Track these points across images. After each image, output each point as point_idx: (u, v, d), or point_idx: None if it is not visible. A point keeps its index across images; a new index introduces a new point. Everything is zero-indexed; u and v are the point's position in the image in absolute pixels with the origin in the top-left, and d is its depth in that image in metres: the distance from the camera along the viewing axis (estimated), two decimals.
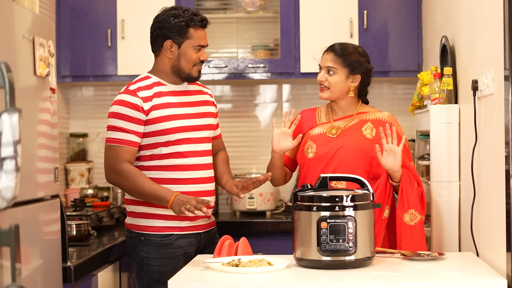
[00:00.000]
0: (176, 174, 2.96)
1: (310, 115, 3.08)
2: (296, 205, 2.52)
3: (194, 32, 2.98)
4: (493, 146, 2.51)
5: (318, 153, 2.94)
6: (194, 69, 3.01)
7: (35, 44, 2.31)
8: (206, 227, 3.07)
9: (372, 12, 4.19)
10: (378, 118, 2.97)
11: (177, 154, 2.96)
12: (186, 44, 2.98)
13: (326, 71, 2.95)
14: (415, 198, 2.82)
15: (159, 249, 2.96)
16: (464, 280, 2.31)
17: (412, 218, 2.82)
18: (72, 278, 2.65)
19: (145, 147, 2.96)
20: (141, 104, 2.93)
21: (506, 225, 2.33)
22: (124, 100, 2.94)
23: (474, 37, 2.82)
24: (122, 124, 2.92)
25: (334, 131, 2.97)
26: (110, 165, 2.93)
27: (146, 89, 2.97)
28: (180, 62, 3.00)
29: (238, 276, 2.38)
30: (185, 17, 2.97)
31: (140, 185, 2.88)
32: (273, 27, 4.41)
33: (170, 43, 2.99)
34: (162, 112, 2.95)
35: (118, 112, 2.94)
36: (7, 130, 1.64)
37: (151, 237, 2.96)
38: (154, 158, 2.96)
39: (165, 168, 2.96)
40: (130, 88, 2.97)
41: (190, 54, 2.98)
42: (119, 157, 2.90)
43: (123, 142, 2.91)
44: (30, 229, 2.27)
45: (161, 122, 2.94)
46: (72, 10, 4.27)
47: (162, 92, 2.99)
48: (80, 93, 4.65)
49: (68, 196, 4.42)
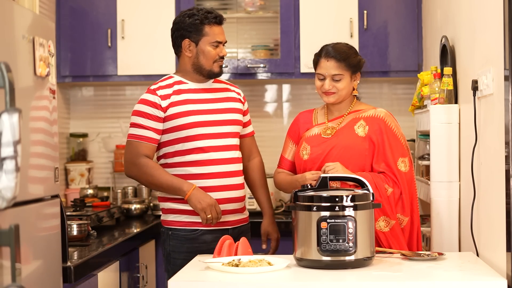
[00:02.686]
0: (199, 169, 3.03)
1: (307, 116, 3.07)
2: (296, 205, 2.52)
3: (210, 29, 3.06)
4: (493, 146, 2.51)
5: (312, 155, 2.93)
6: (215, 65, 3.08)
7: (35, 44, 2.31)
8: (234, 223, 3.12)
9: (372, 12, 4.19)
10: (372, 115, 2.94)
11: (198, 149, 3.04)
12: (203, 41, 3.06)
13: (331, 78, 2.90)
14: (384, 205, 2.79)
15: (185, 243, 3.03)
16: (464, 280, 2.31)
17: (385, 224, 2.82)
18: (72, 278, 2.65)
19: (168, 143, 3.06)
20: (159, 102, 3.03)
21: (506, 225, 2.33)
22: (145, 99, 3.06)
23: (474, 37, 2.82)
24: (141, 121, 3.03)
25: (329, 132, 2.95)
26: (129, 159, 3.05)
27: (166, 87, 3.07)
28: (199, 60, 3.08)
29: (238, 276, 2.38)
30: (199, 15, 3.05)
31: (157, 177, 3.00)
32: (273, 27, 4.41)
33: (188, 42, 3.08)
34: (179, 109, 3.04)
35: (139, 110, 3.05)
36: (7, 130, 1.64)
37: (177, 231, 3.05)
38: (177, 154, 3.05)
39: (188, 164, 3.04)
40: (151, 88, 3.09)
41: (208, 50, 3.06)
42: (138, 151, 3.02)
43: (141, 138, 3.03)
44: (30, 229, 2.27)
45: (178, 118, 3.03)
46: (72, 10, 4.27)
47: (182, 90, 3.08)
48: (80, 93, 4.65)
49: (68, 196, 4.42)
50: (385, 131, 2.90)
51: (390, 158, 2.87)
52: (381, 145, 2.88)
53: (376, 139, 2.88)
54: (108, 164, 4.64)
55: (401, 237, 2.83)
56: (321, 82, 2.93)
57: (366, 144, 2.88)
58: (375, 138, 2.89)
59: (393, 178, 2.84)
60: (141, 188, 4.49)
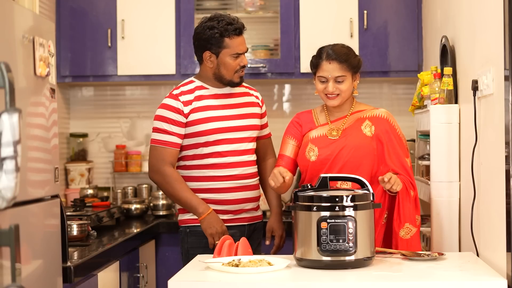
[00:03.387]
0: (215, 172, 3.13)
1: (307, 116, 3.05)
2: (296, 205, 2.52)
3: (230, 41, 3.10)
4: (493, 146, 2.51)
5: (320, 156, 2.91)
6: (235, 76, 3.15)
7: (35, 44, 2.31)
8: (250, 220, 3.23)
9: (372, 12, 4.19)
10: (376, 115, 2.95)
11: (216, 153, 3.13)
12: (223, 54, 3.11)
13: (334, 80, 2.89)
14: (410, 209, 2.82)
15: (203, 238, 3.10)
16: (464, 280, 2.31)
17: (407, 232, 2.82)
18: (72, 278, 2.65)
19: (188, 147, 3.14)
20: (182, 108, 3.11)
21: (506, 225, 2.33)
22: (168, 104, 3.13)
23: (474, 37, 2.82)
24: (165, 127, 3.11)
25: (335, 133, 2.94)
26: (154, 165, 3.13)
27: (188, 93, 3.14)
28: (220, 71, 3.14)
29: (238, 276, 2.38)
30: (219, 28, 3.09)
31: (178, 191, 3.09)
32: (273, 27, 4.41)
33: (209, 54, 3.14)
34: (200, 115, 3.12)
35: (162, 115, 3.13)
36: (7, 130, 1.64)
37: (195, 228, 3.13)
38: (196, 157, 3.14)
39: (205, 166, 3.13)
40: (174, 93, 3.16)
41: (228, 62, 3.12)
42: (163, 158, 3.10)
43: (165, 144, 3.11)
44: (30, 229, 2.27)
45: (199, 124, 3.11)
46: (72, 10, 4.27)
47: (203, 96, 3.15)
48: (80, 93, 4.65)
49: (68, 196, 4.42)
50: (391, 132, 2.91)
51: (403, 157, 2.88)
52: (390, 144, 2.89)
53: (384, 139, 2.89)
54: (108, 164, 4.64)
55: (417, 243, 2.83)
56: (323, 84, 2.91)
57: (374, 143, 2.89)
58: (382, 138, 2.89)
59: (409, 179, 2.86)
60: (141, 188, 4.49)
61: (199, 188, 3.14)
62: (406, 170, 2.88)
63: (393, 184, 2.70)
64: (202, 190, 3.13)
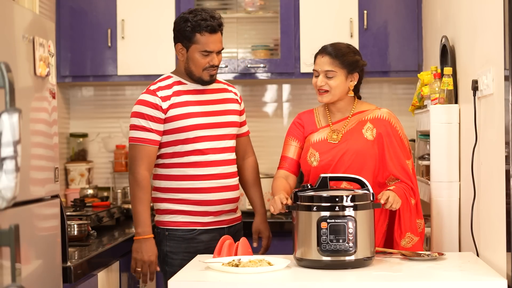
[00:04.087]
0: (196, 171, 3.04)
1: (310, 117, 3.02)
2: (296, 205, 2.52)
3: (201, 38, 3.01)
4: (493, 146, 2.51)
5: (322, 161, 2.88)
6: (204, 73, 3.06)
7: (35, 44, 2.31)
8: (230, 222, 3.15)
9: (372, 12, 4.19)
10: (377, 116, 2.92)
11: (197, 151, 3.04)
12: (192, 49, 3.04)
13: (324, 75, 2.88)
14: (411, 218, 2.80)
15: (182, 243, 3.05)
16: (464, 280, 2.31)
17: (409, 241, 2.81)
18: (72, 278, 2.65)
19: (166, 144, 3.05)
20: (160, 103, 3.01)
21: (506, 225, 2.33)
22: (145, 100, 3.03)
23: (474, 37, 2.82)
24: (143, 123, 3.01)
25: (335, 136, 2.90)
26: (131, 165, 3.05)
27: (166, 88, 3.06)
28: (189, 66, 3.07)
29: (238, 276, 2.38)
30: (192, 22, 3.01)
31: (136, 200, 3.01)
32: (273, 27, 4.41)
33: (180, 47, 3.07)
34: (179, 111, 3.03)
35: (139, 111, 3.03)
36: (7, 130, 1.64)
37: (174, 231, 3.06)
38: (175, 155, 3.05)
39: (185, 165, 3.04)
40: (151, 88, 3.06)
41: (197, 59, 3.03)
42: (142, 158, 3.01)
43: (145, 141, 3.01)
44: (30, 229, 2.27)
45: (178, 120, 3.02)
46: (72, 10, 4.27)
47: (181, 91, 3.07)
48: (80, 93, 4.65)
49: (68, 196, 4.42)
50: (392, 133, 2.88)
51: (403, 160, 2.86)
52: (391, 146, 2.86)
53: (385, 141, 2.86)
54: (108, 164, 4.64)
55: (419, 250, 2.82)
56: (316, 79, 2.92)
57: (375, 147, 2.87)
58: (383, 140, 2.86)
59: (410, 185, 2.83)
60: None
61: (179, 187, 3.04)
62: (407, 173, 2.85)
63: (392, 203, 2.64)
64: (182, 190, 3.04)
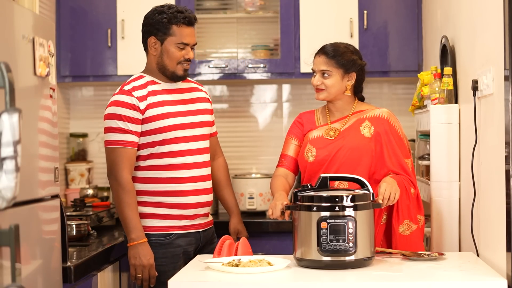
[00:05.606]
0: (173, 173, 2.97)
1: (310, 117, 3.04)
2: (296, 205, 2.52)
3: (177, 29, 2.97)
4: (493, 146, 2.51)
5: (318, 157, 2.91)
6: (179, 67, 3.00)
7: (35, 44, 2.31)
8: (204, 226, 3.09)
9: (372, 12, 4.19)
10: (376, 115, 2.94)
11: (174, 153, 2.97)
12: (168, 41, 2.98)
13: (320, 74, 2.91)
14: (410, 207, 2.80)
15: (159, 248, 2.97)
16: (464, 280, 2.31)
17: (407, 228, 2.81)
18: (72, 278, 2.65)
19: (143, 146, 2.97)
20: (137, 104, 2.93)
21: (506, 225, 2.33)
22: (120, 101, 2.94)
23: (474, 37, 2.82)
24: (121, 125, 2.92)
25: (332, 133, 2.93)
26: (112, 169, 2.94)
27: (141, 88, 2.97)
28: (163, 60, 2.99)
29: (238, 276, 2.38)
30: (168, 14, 2.96)
31: (123, 205, 2.90)
32: (273, 27, 4.41)
33: (153, 40, 3.00)
34: (157, 111, 2.96)
35: (116, 113, 2.93)
36: (7, 130, 1.64)
37: (150, 237, 2.97)
38: (151, 157, 2.97)
39: (162, 167, 2.97)
40: (125, 88, 2.97)
41: (172, 51, 2.97)
42: (123, 161, 2.91)
43: (124, 143, 2.92)
44: (30, 229, 2.27)
45: (157, 120, 2.95)
46: (72, 10, 4.27)
47: (157, 91, 3.00)
48: (80, 93, 4.65)
49: (68, 196, 4.42)
50: (390, 132, 2.89)
51: (402, 159, 2.86)
52: (389, 145, 2.87)
53: (383, 139, 2.88)
54: None
55: (418, 240, 2.82)
56: (313, 78, 2.94)
57: (372, 144, 2.88)
58: (382, 138, 2.88)
59: (409, 179, 2.85)
60: None
61: (155, 190, 2.97)
62: (406, 171, 2.86)
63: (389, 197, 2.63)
64: (158, 193, 2.97)
